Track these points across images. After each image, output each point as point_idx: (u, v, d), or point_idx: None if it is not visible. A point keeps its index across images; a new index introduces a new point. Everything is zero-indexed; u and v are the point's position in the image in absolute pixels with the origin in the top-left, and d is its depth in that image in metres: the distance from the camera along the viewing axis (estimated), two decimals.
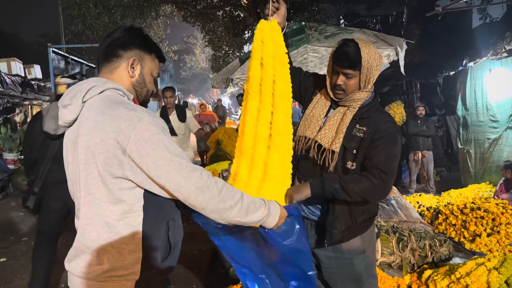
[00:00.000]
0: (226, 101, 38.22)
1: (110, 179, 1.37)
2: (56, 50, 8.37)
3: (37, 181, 3.36)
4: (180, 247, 1.58)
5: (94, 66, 9.62)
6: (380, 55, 2.01)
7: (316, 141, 2.07)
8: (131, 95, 1.52)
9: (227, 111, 18.55)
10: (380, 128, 1.96)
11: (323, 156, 2.04)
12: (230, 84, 5.43)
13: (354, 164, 2.01)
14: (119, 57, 1.51)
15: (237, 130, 9.96)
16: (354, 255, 2.10)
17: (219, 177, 8.92)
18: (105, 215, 1.40)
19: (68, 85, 3.40)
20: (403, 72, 5.18)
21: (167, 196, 1.42)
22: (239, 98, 10.14)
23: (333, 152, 2.01)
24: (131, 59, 1.51)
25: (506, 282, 3.12)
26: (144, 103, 1.63)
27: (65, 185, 1.62)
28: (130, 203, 1.41)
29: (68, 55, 8.91)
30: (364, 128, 1.99)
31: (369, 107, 2.05)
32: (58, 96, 3.50)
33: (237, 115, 20.69)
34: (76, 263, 1.45)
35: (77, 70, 9.12)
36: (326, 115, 2.15)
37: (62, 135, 1.60)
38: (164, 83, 13.57)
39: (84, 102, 1.45)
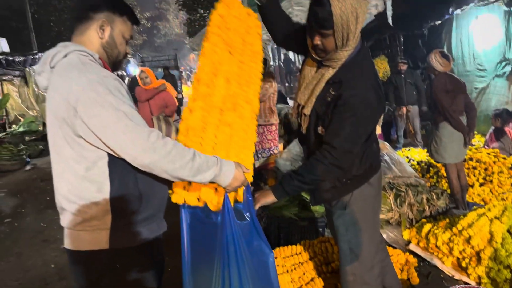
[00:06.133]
0: None
1: (71, 139, 1.46)
2: None
3: None
4: (159, 197, 1.63)
5: None
6: (362, 4, 1.74)
7: (297, 101, 2.02)
8: (96, 54, 1.56)
9: None
10: (343, 95, 1.80)
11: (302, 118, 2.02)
12: None
13: (324, 130, 1.92)
14: (89, 19, 1.57)
15: None
16: (336, 208, 2.10)
17: None
18: (73, 172, 1.49)
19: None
20: (390, 23, 4.96)
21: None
22: None
23: (305, 114, 1.96)
24: (100, 20, 1.56)
25: (508, 231, 3.08)
26: (116, 63, 1.69)
27: None
28: (93, 161, 1.47)
29: None
30: (333, 93, 1.85)
31: (350, 67, 1.86)
32: None
33: None
34: (62, 216, 1.57)
35: None
36: (312, 77, 2.03)
37: None
38: None
39: (52, 67, 1.51)
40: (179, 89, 19.15)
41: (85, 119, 1.39)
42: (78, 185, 1.49)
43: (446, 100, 4.05)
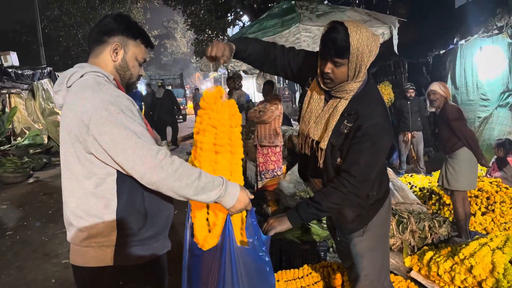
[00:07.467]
0: (209, 85, 37.58)
1: (83, 156, 1.51)
2: None
3: None
4: (164, 216, 1.67)
5: None
6: (376, 38, 1.81)
7: (310, 137, 2.01)
8: (111, 75, 1.63)
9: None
10: (363, 126, 1.84)
11: (314, 151, 2.01)
12: (219, 66, 5.22)
13: (343, 161, 1.93)
14: (104, 43, 1.64)
15: None
16: (353, 236, 2.10)
17: None
18: (82, 187, 1.53)
19: None
20: (396, 51, 5.06)
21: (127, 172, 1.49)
22: (228, 82, 9.67)
23: (321, 149, 1.95)
24: (114, 44, 1.64)
25: (510, 261, 3.08)
26: (129, 85, 1.77)
27: None
28: (102, 177, 1.52)
29: None
30: (350, 125, 1.88)
31: (361, 98, 1.90)
32: None
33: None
34: (69, 232, 1.62)
35: None
36: (322, 110, 2.02)
37: None
38: None
39: (69, 87, 1.58)
40: (184, 105, 21.39)
41: (97, 136, 1.44)
42: (87, 201, 1.53)
43: (464, 127, 4.17)
